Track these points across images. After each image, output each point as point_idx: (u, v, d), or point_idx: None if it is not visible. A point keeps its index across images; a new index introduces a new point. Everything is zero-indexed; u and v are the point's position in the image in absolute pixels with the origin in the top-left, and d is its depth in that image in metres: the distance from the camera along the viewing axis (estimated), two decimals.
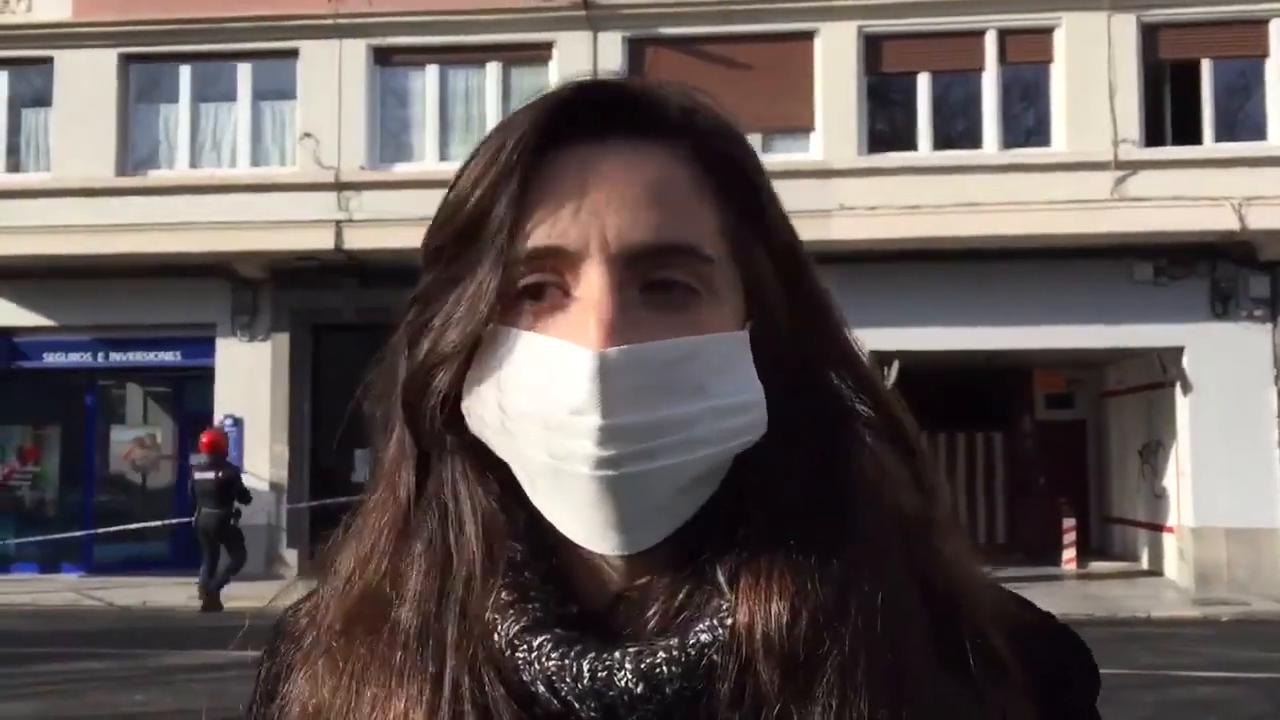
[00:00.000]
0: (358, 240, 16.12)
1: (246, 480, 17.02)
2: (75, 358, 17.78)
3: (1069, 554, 18.10)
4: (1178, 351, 15.74)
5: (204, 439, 15.03)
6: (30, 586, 16.59)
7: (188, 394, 18.66)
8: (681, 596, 0.75)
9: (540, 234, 0.74)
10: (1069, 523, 18.22)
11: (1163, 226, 14.98)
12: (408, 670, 0.74)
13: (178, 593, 15.74)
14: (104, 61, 17.25)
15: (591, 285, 0.73)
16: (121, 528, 17.42)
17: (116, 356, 17.74)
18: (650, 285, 0.74)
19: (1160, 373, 16.47)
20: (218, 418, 17.13)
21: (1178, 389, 15.97)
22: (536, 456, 0.73)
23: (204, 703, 8.91)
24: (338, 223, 16.22)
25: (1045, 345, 16.11)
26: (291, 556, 16.63)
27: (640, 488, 0.72)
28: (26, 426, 18.98)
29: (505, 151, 0.75)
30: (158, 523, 17.78)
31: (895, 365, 15.01)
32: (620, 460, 0.71)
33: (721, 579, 0.74)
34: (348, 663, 0.76)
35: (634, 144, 0.77)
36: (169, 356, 17.71)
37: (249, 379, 17.02)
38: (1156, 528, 17.57)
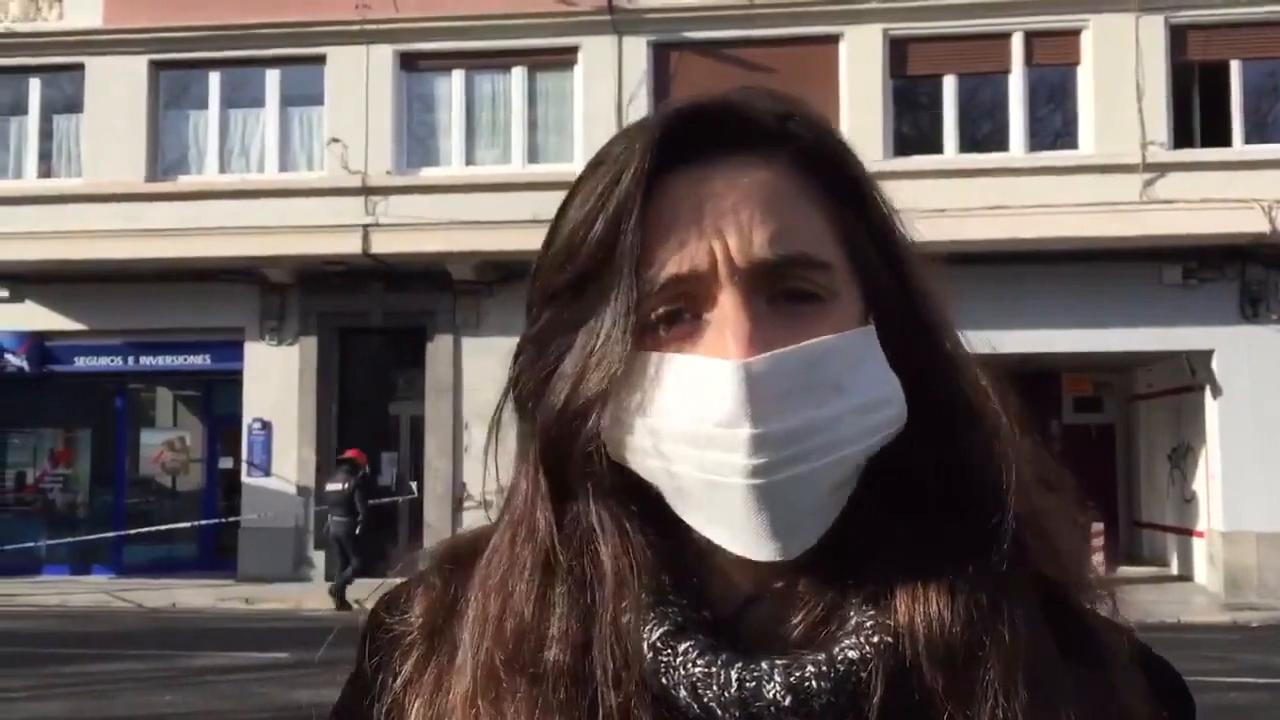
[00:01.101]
0: (384, 244, 16.21)
1: (273, 483, 17.20)
2: (106, 362, 17.94)
3: (1098, 559, 17.92)
4: (1207, 355, 15.62)
5: (349, 451, 15.58)
6: (61, 588, 16.75)
7: (216, 397, 18.80)
8: (825, 604, 0.76)
9: (666, 263, 0.75)
10: (1097, 527, 17.99)
11: (1191, 229, 14.88)
12: (563, 708, 0.75)
13: (206, 594, 15.87)
14: (134, 68, 17.42)
15: (723, 305, 0.74)
16: (151, 529, 17.57)
17: (146, 360, 17.89)
18: (775, 296, 0.76)
19: (1189, 376, 16.35)
20: (246, 421, 17.27)
21: (1207, 392, 15.85)
22: (689, 474, 0.74)
23: (232, 703, 8.97)
24: (365, 227, 16.31)
25: (1073, 349, 16.02)
26: (318, 559, 16.72)
27: (793, 493, 0.73)
28: (58, 430, 19.18)
29: (620, 186, 0.76)
30: (187, 524, 17.94)
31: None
32: (772, 467, 0.72)
33: (871, 584, 0.75)
34: (503, 703, 0.76)
35: (737, 160, 0.78)
36: (198, 360, 17.85)
37: (277, 382, 17.13)
38: (1186, 532, 17.44)
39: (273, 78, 17.41)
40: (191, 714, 9.00)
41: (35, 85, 17.90)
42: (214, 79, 17.51)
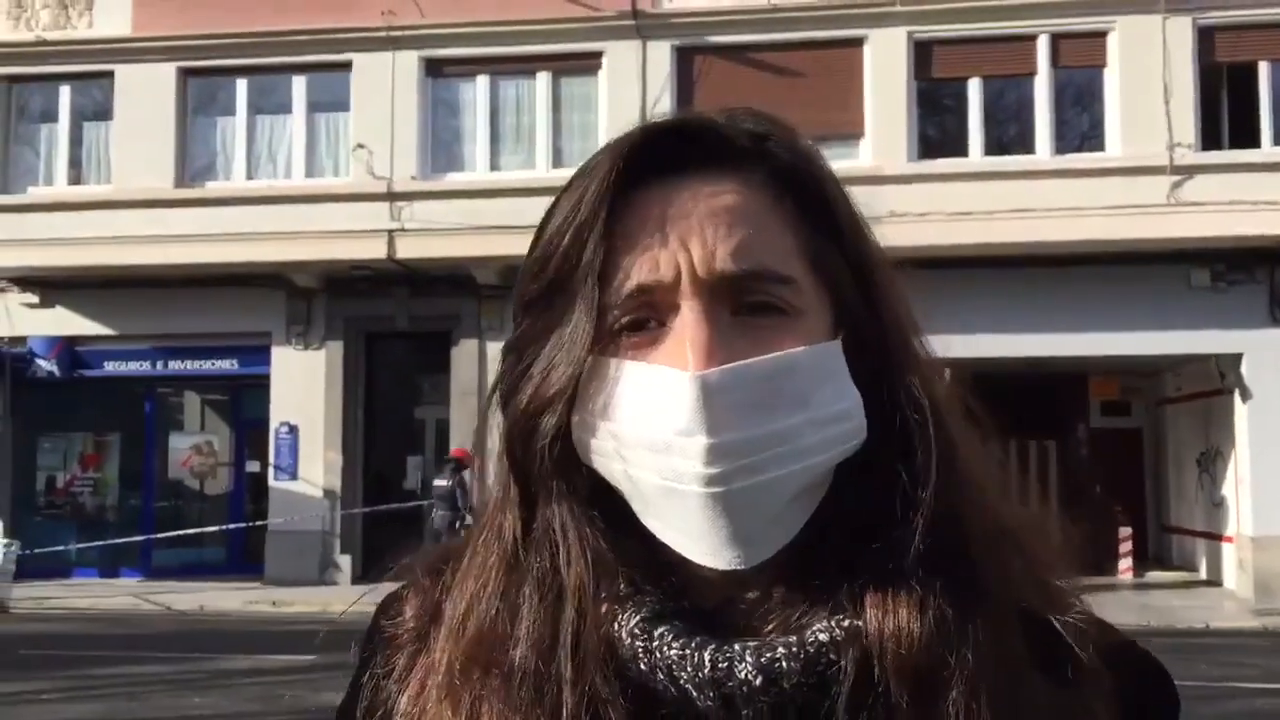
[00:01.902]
0: (410, 249, 16.29)
1: (300, 486, 17.32)
2: (135, 366, 18.10)
3: (1125, 564, 17.85)
4: (1236, 358, 15.50)
5: (454, 450, 15.94)
6: (91, 591, 16.90)
7: (244, 401, 18.93)
8: (797, 611, 0.77)
9: (631, 272, 0.77)
10: (1125, 532, 17.96)
11: (1220, 231, 14.77)
12: (526, 708, 0.76)
13: (234, 597, 15.97)
14: (163, 75, 17.57)
15: (684, 315, 0.76)
16: (180, 533, 17.70)
17: (175, 365, 18.05)
18: (739, 309, 0.77)
19: (1218, 380, 16.22)
20: (273, 425, 17.38)
21: (1236, 396, 15.72)
22: (648, 479, 0.76)
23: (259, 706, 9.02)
24: (390, 232, 16.39)
25: (1101, 352, 15.93)
26: (345, 562, 16.81)
27: (751, 502, 0.75)
28: (88, 434, 19.35)
29: (586, 197, 0.79)
30: (215, 528, 18.07)
31: (946, 374, 14.91)
32: (729, 476, 0.74)
33: (842, 595, 0.77)
34: (467, 702, 0.78)
35: (708, 175, 0.80)
36: (226, 365, 17.99)
37: (304, 386, 17.24)
38: (1215, 537, 17.29)
39: (299, 84, 17.53)
40: (219, 716, 9.06)
41: (65, 93, 18.09)
42: (241, 85, 17.65)
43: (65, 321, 17.81)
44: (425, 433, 17.74)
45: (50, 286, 17.64)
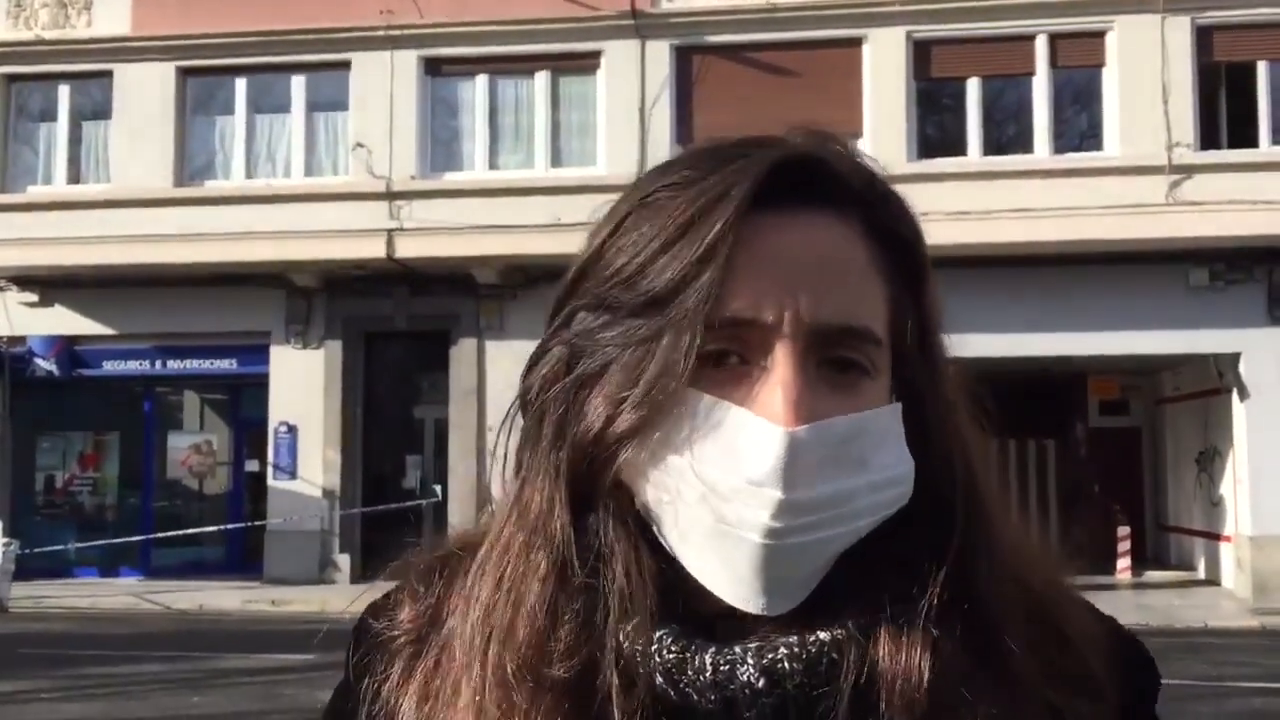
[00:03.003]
0: (409, 249, 16.30)
1: (299, 486, 17.32)
2: (134, 365, 18.11)
3: (1123, 563, 17.86)
4: (1234, 357, 15.52)
5: None
6: (90, 590, 16.90)
7: (243, 401, 18.94)
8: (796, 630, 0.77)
9: (731, 305, 0.75)
10: (1123, 531, 17.98)
11: (1218, 231, 14.78)
12: (558, 716, 0.75)
13: (233, 597, 15.99)
14: (162, 74, 17.58)
15: (780, 360, 0.75)
16: (179, 532, 17.71)
17: (174, 364, 18.05)
18: (823, 361, 0.76)
19: (1217, 379, 16.24)
20: (272, 424, 17.39)
21: (1234, 395, 15.74)
22: (703, 519, 0.75)
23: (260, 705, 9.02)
24: (389, 232, 16.40)
25: (1099, 351, 15.94)
26: (344, 561, 16.82)
27: (799, 558, 0.75)
28: (87, 433, 19.34)
29: (710, 225, 0.75)
30: (214, 527, 18.08)
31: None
32: (788, 532, 0.73)
33: (853, 627, 0.76)
34: (508, 709, 0.77)
35: (816, 214, 0.78)
36: (225, 364, 17.99)
37: (303, 386, 17.24)
38: (1213, 536, 17.31)
39: (298, 83, 17.53)
40: (218, 715, 9.08)
41: (64, 92, 18.09)
42: (240, 85, 17.65)
43: (64, 321, 17.81)
44: (424, 432, 17.75)
45: (49, 286, 17.64)
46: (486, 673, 0.78)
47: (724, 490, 0.74)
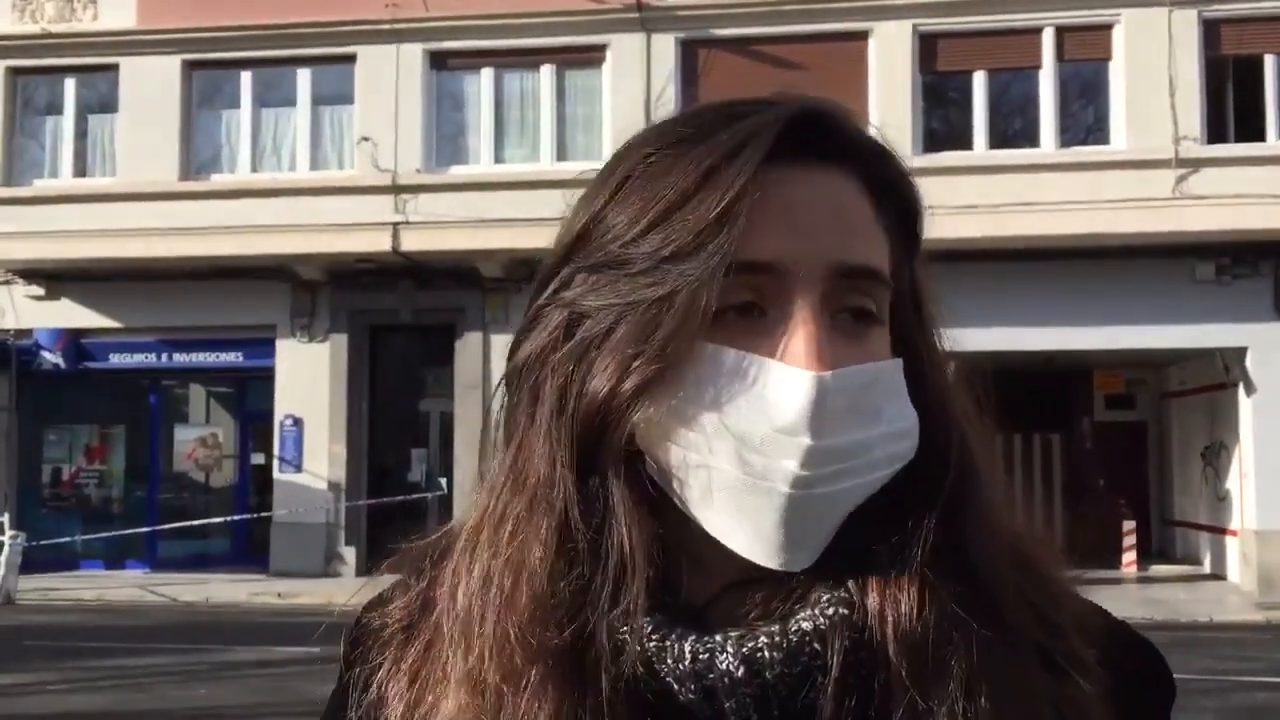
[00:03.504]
0: (414, 242, 16.31)
1: (305, 479, 17.35)
2: (140, 359, 18.14)
3: (1129, 557, 17.87)
4: (1241, 352, 15.49)
5: None
6: (97, 582, 16.97)
7: (249, 394, 18.97)
8: (787, 589, 0.76)
9: (753, 250, 0.74)
10: (1129, 525, 17.98)
11: (1225, 225, 14.75)
12: (563, 684, 0.75)
13: (239, 589, 16.03)
14: (167, 68, 17.59)
15: (801, 306, 0.74)
16: (185, 524, 17.76)
17: (180, 357, 18.08)
18: (839, 311, 0.76)
19: (1223, 373, 16.22)
20: (278, 417, 17.43)
21: (1240, 390, 15.72)
22: (732, 473, 0.73)
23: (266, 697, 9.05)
24: (395, 225, 16.41)
25: (1105, 346, 15.93)
26: (349, 554, 16.86)
27: (824, 509, 0.74)
28: (93, 426, 19.41)
29: (731, 178, 0.74)
30: (220, 520, 18.12)
31: (951, 367, 14.91)
32: (815, 480, 0.72)
33: (846, 574, 0.76)
34: (512, 671, 0.76)
35: (822, 166, 0.78)
36: (230, 357, 18.02)
37: (308, 379, 17.27)
38: (1219, 531, 17.30)
39: (304, 77, 17.54)
40: (225, 707, 9.11)
41: (70, 85, 18.11)
42: (246, 78, 17.66)
43: (71, 314, 17.85)
44: (429, 426, 17.77)
45: (56, 279, 17.67)
46: (485, 640, 0.76)
47: (752, 441, 0.73)
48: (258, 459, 18.96)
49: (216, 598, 15.65)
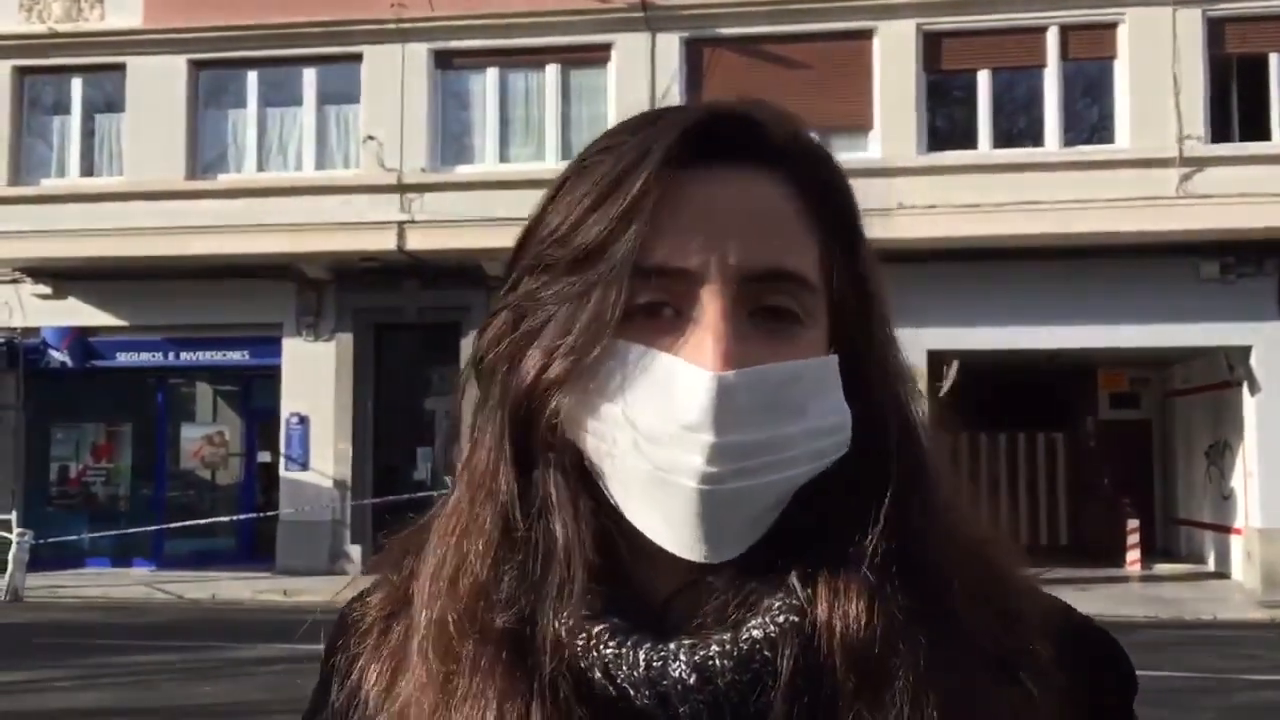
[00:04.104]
0: (419, 241, 16.34)
1: (311, 477, 17.38)
2: (147, 357, 18.19)
3: (1133, 555, 17.87)
4: (1245, 350, 15.49)
5: None
6: (103, 580, 17.01)
7: (255, 392, 19.02)
8: (748, 595, 0.77)
9: (663, 255, 0.76)
10: (1132, 524, 17.98)
11: (1229, 223, 14.74)
12: (501, 674, 0.77)
13: (245, 587, 16.06)
14: (174, 67, 17.63)
15: (709, 308, 0.76)
16: (191, 522, 17.79)
17: (186, 356, 18.13)
18: (757, 311, 0.78)
19: (1227, 372, 16.21)
20: (284, 415, 17.47)
21: (1245, 388, 15.71)
22: (640, 466, 0.76)
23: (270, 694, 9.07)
24: (400, 224, 16.44)
25: (1109, 344, 15.92)
26: (355, 552, 16.88)
27: (736, 503, 0.75)
28: (100, 424, 19.44)
29: (635, 179, 0.77)
30: (226, 518, 18.16)
31: (955, 365, 14.92)
32: (724, 476, 0.74)
33: (795, 580, 0.77)
34: (449, 657, 0.79)
35: (743, 169, 0.80)
36: (237, 356, 18.07)
37: (314, 378, 17.31)
38: (1223, 529, 17.29)
39: (310, 76, 17.58)
40: (231, 704, 9.14)
41: (77, 85, 18.16)
42: (252, 78, 17.70)
43: (78, 312, 17.90)
44: (435, 424, 17.80)
45: (63, 277, 17.73)
46: (431, 624, 0.80)
47: (658, 436, 0.75)
48: (264, 457, 19.01)
49: (222, 595, 15.69)
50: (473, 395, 0.88)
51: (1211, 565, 17.78)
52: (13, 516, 16.21)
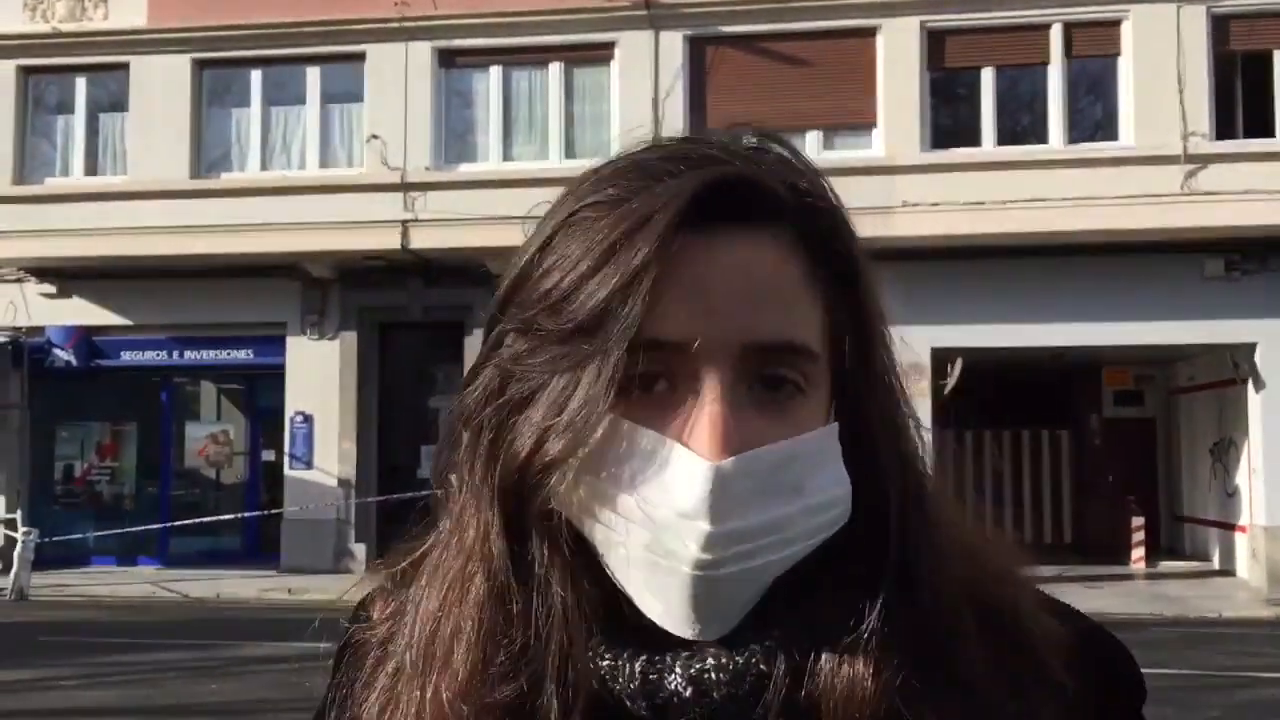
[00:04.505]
0: (423, 240, 16.35)
1: (315, 475, 17.40)
2: (151, 356, 18.21)
3: (1137, 553, 17.85)
4: (1250, 348, 15.46)
5: None
6: (109, 578, 17.04)
7: (259, 391, 19.05)
8: (748, 654, 0.77)
9: (660, 328, 0.73)
10: (1137, 521, 17.96)
11: (1234, 221, 14.72)
12: None
13: (250, 585, 16.08)
14: (177, 67, 17.65)
15: (707, 385, 0.73)
16: (196, 521, 17.82)
17: (191, 355, 18.15)
18: (755, 383, 0.75)
19: (1232, 369, 16.19)
20: (288, 414, 17.49)
21: (1250, 386, 15.69)
22: (635, 548, 0.74)
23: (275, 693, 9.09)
24: (404, 223, 16.45)
25: (1114, 342, 15.91)
26: (360, 551, 16.90)
27: (732, 588, 0.74)
28: (105, 423, 19.49)
29: (636, 250, 0.73)
30: (231, 516, 18.19)
31: (959, 363, 14.91)
32: (721, 563, 0.73)
33: (795, 640, 0.76)
34: None
35: (745, 233, 0.76)
36: (241, 355, 18.09)
37: (318, 376, 17.33)
38: (1228, 527, 17.27)
39: (313, 75, 17.58)
40: (236, 702, 9.16)
41: (81, 84, 18.17)
42: (255, 77, 17.71)
43: (82, 311, 17.93)
44: (439, 423, 17.80)
45: (67, 277, 17.76)
46: (426, 698, 0.78)
47: (655, 519, 0.73)
48: (268, 456, 19.04)
49: (227, 594, 15.71)
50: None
51: (1216, 563, 17.76)
52: (18, 515, 16.26)
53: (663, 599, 0.75)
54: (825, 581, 0.77)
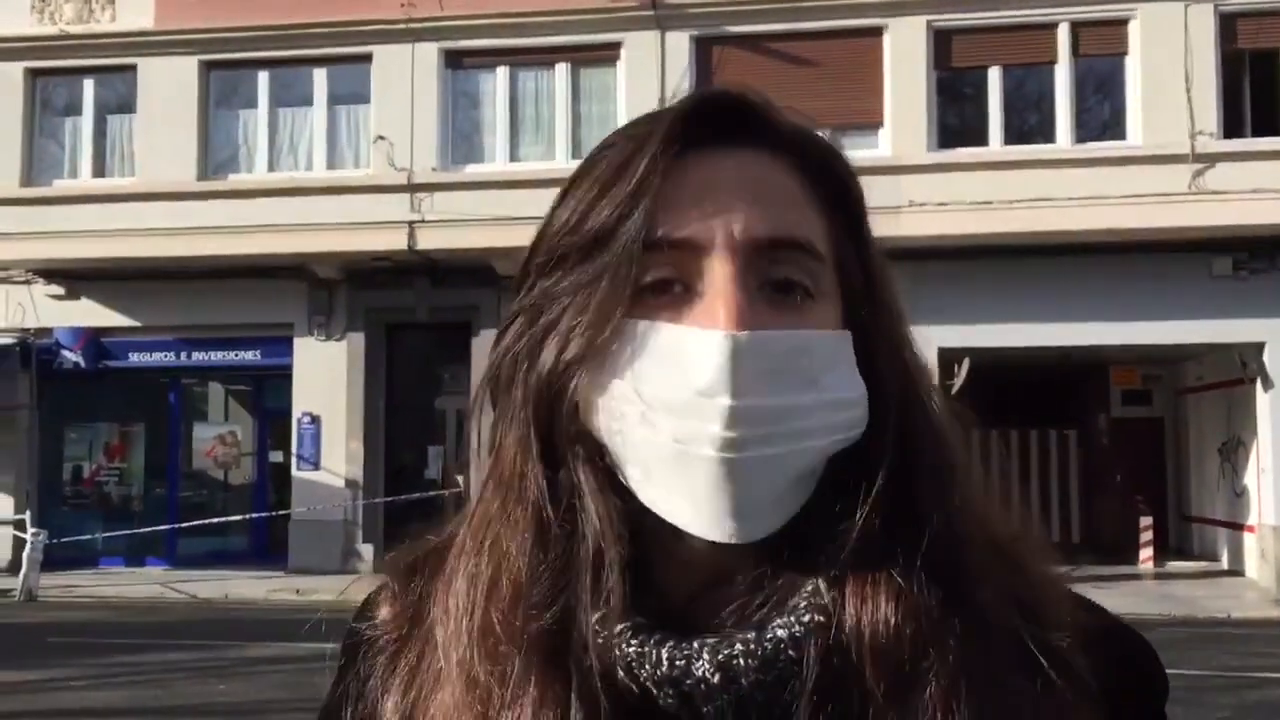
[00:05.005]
0: (430, 240, 16.37)
1: (322, 476, 17.43)
2: (159, 357, 18.25)
3: (1146, 553, 17.81)
4: (1258, 347, 15.43)
5: None
6: (117, 579, 17.09)
7: (267, 392, 19.07)
8: (766, 594, 0.76)
9: (669, 229, 0.77)
10: (1145, 521, 17.92)
11: (1242, 220, 14.69)
12: (543, 672, 0.76)
13: (258, 586, 16.11)
14: (185, 68, 17.68)
15: (718, 276, 0.76)
16: (204, 522, 17.86)
17: (198, 356, 18.19)
18: (765, 284, 0.77)
19: (1240, 369, 16.15)
20: (296, 415, 17.52)
21: (1258, 385, 15.65)
22: (659, 442, 0.75)
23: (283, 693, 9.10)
24: (411, 223, 16.47)
25: (1122, 341, 15.88)
26: (367, 551, 16.93)
27: (759, 474, 0.74)
28: (113, 424, 19.53)
29: (639, 163, 0.78)
30: (239, 517, 18.22)
31: (966, 363, 14.89)
32: (744, 443, 0.73)
33: (820, 581, 0.76)
34: (496, 659, 0.77)
35: (748, 152, 0.80)
36: (249, 356, 18.12)
37: (326, 377, 17.36)
38: (1237, 526, 17.23)
39: (320, 76, 17.61)
40: (244, 703, 9.18)
41: (89, 86, 18.21)
42: (263, 78, 17.74)
43: (90, 313, 17.97)
44: (446, 423, 17.83)
45: (75, 278, 17.80)
46: (473, 631, 0.78)
47: (675, 407, 0.74)
48: (276, 457, 19.07)
49: (235, 594, 15.74)
50: (489, 412, 0.86)
51: (1225, 563, 17.71)
52: (27, 516, 16.30)
53: (689, 497, 0.75)
54: (846, 510, 0.77)
